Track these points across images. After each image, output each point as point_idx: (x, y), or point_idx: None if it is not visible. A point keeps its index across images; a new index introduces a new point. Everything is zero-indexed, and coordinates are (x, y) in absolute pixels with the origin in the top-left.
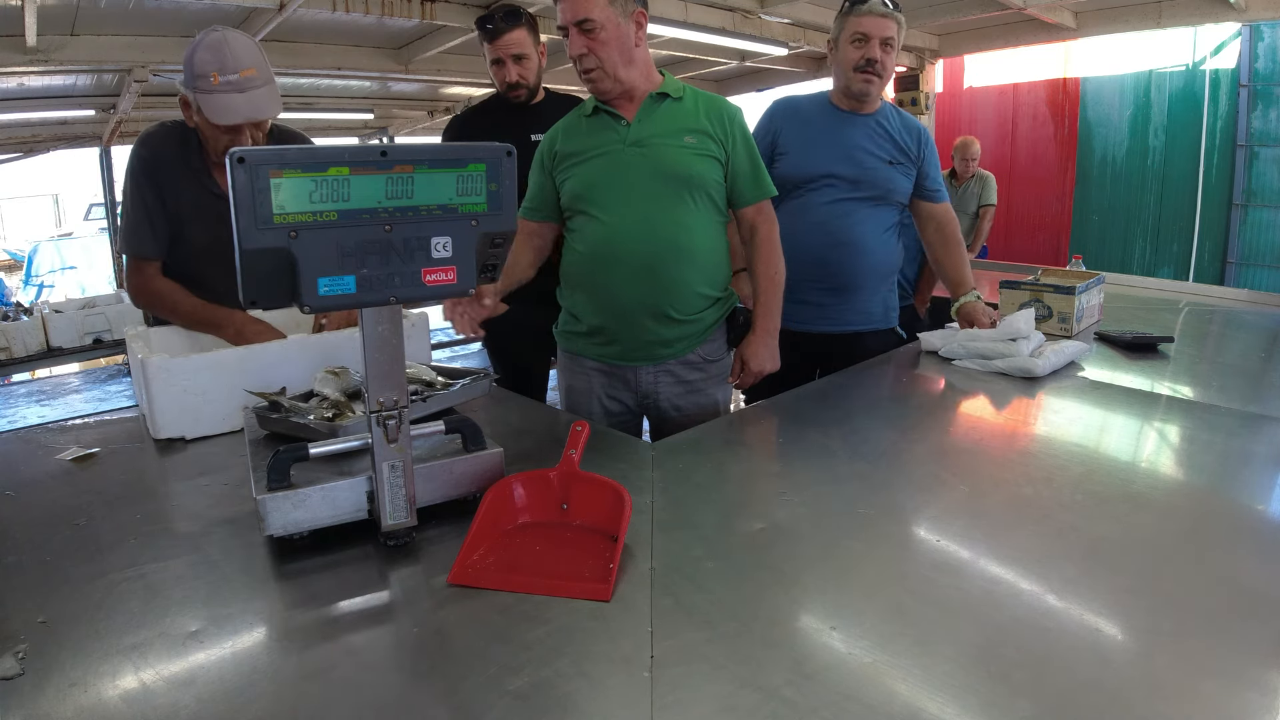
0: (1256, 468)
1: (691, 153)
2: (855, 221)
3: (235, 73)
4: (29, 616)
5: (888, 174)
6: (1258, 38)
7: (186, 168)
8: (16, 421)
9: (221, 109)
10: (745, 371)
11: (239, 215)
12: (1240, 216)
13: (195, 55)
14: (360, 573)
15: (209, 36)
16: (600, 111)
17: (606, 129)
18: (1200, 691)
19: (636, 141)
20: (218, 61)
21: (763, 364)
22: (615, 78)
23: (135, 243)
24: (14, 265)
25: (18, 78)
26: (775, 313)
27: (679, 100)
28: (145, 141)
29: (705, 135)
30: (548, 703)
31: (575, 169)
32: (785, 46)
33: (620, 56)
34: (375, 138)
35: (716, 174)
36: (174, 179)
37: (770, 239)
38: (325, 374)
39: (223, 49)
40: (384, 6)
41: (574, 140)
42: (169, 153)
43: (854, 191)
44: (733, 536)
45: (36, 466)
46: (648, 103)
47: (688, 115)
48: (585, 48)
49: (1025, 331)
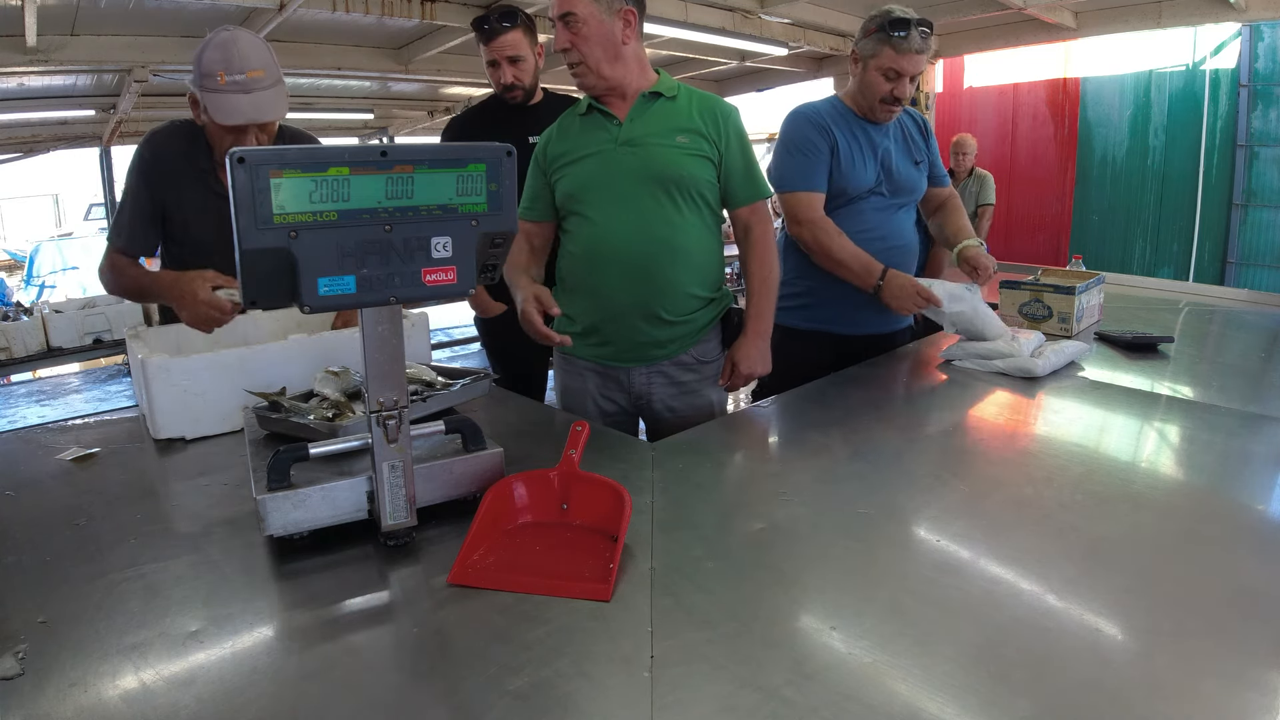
0: (1256, 468)
1: (683, 152)
2: (902, 227)
3: (241, 73)
4: (29, 616)
5: (917, 178)
6: (1258, 38)
7: (192, 167)
8: (16, 421)
9: (226, 109)
10: (735, 374)
11: (239, 215)
12: (1240, 216)
13: (204, 54)
14: (360, 573)
15: (219, 35)
16: (593, 111)
17: (599, 128)
18: (1200, 691)
19: (628, 141)
20: (224, 61)
21: (753, 366)
22: (599, 74)
23: (114, 234)
24: (14, 265)
25: (18, 78)
26: (768, 314)
27: (673, 99)
28: (150, 140)
29: (698, 135)
30: (548, 703)
31: (568, 169)
32: (785, 46)
33: (604, 53)
34: (375, 138)
35: (709, 174)
36: (177, 178)
37: (764, 240)
38: (325, 374)
39: (230, 49)
40: (384, 6)
41: (567, 140)
42: (174, 152)
43: (894, 199)
44: (733, 536)
45: (36, 466)
46: (640, 102)
47: (681, 114)
48: (568, 42)
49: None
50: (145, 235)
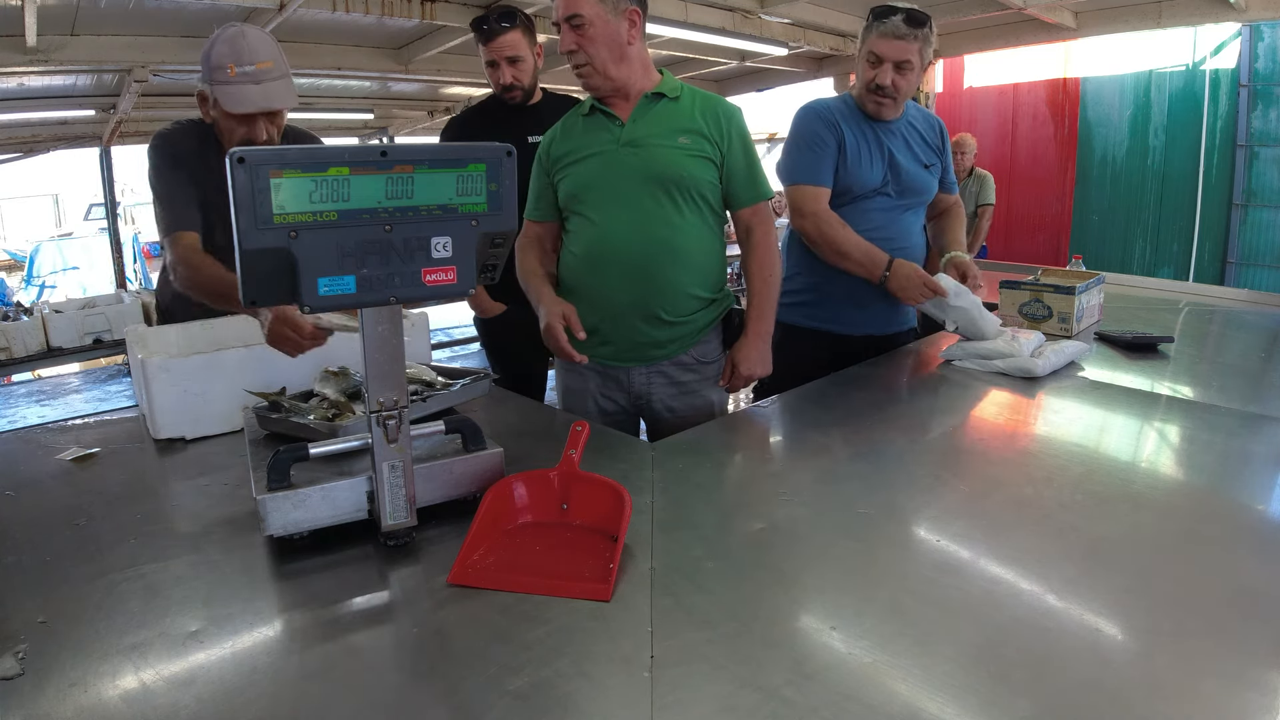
0: (1256, 468)
1: (685, 153)
2: (909, 228)
3: (251, 64)
4: (29, 616)
5: (926, 180)
6: (1258, 38)
7: (205, 165)
8: (16, 421)
9: (237, 98)
10: (735, 375)
11: (239, 215)
12: (1240, 216)
13: (213, 49)
14: (360, 573)
15: (226, 31)
16: (596, 111)
17: (601, 129)
18: (1200, 691)
19: (630, 142)
20: (234, 54)
21: (753, 368)
22: (605, 74)
23: (169, 223)
24: (14, 265)
25: (18, 78)
26: (769, 316)
27: (675, 100)
28: (166, 137)
29: (700, 136)
30: (548, 703)
31: (570, 169)
32: (785, 46)
33: (610, 54)
34: (375, 138)
35: (711, 175)
36: (198, 173)
37: (766, 241)
38: (325, 374)
39: (239, 42)
40: (384, 6)
41: (569, 140)
42: (188, 150)
43: (901, 200)
44: (733, 536)
45: (36, 466)
46: (643, 102)
47: (683, 115)
48: (575, 43)
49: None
50: (193, 213)
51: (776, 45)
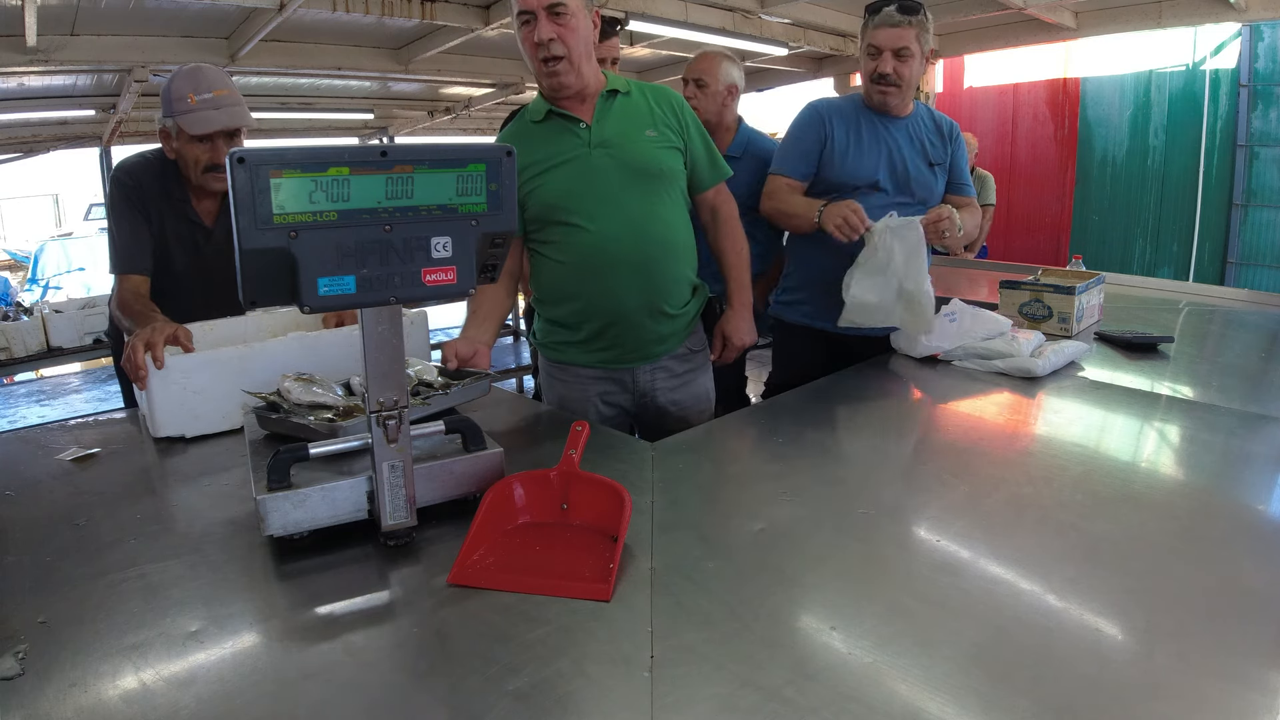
0: (1256, 468)
1: (656, 147)
2: None
3: (210, 92)
4: (29, 616)
5: (929, 179)
6: (1258, 38)
7: (168, 197)
8: (16, 421)
9: (201, 121)
10: (728, 347)
11: (239, 215)
12: (1240, 216)
13: (172, 84)
14: (360, 573)
15: (182, 69)
16: (554, 116)
17: (565, 133)
18: (1200, 691)
19: (601, 143)
20: (193, 84)
21: (744, 337)
22: (579, 70)
23: (118, 262)
24: (14, 265)
25: (18, 78)
26: (747, 286)
27: (628, 95)
28: (127, 170)
29: (664, 127)
30: (548, 703)
31: (540, 179)
32: (785, 46)
33: (584, 49)
34: (375, 138)
35: (679, 164)
36: (157, 207)
37: (732, 218)
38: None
39: (197, 75)
40: (384, 6)
41: (530, 149)
42: (150, 181)
43: (899, 197)
44: (733, 536)
45: (36, 466)
46: (601, 102)
47: (641, 110)
48: (555, 33)
49: (898, 228)
50: (145, 254)
51: (776, 45)
